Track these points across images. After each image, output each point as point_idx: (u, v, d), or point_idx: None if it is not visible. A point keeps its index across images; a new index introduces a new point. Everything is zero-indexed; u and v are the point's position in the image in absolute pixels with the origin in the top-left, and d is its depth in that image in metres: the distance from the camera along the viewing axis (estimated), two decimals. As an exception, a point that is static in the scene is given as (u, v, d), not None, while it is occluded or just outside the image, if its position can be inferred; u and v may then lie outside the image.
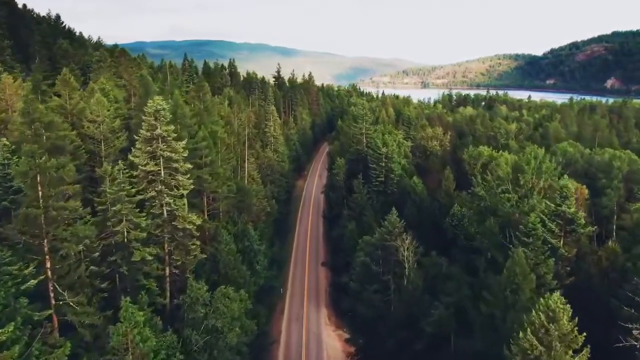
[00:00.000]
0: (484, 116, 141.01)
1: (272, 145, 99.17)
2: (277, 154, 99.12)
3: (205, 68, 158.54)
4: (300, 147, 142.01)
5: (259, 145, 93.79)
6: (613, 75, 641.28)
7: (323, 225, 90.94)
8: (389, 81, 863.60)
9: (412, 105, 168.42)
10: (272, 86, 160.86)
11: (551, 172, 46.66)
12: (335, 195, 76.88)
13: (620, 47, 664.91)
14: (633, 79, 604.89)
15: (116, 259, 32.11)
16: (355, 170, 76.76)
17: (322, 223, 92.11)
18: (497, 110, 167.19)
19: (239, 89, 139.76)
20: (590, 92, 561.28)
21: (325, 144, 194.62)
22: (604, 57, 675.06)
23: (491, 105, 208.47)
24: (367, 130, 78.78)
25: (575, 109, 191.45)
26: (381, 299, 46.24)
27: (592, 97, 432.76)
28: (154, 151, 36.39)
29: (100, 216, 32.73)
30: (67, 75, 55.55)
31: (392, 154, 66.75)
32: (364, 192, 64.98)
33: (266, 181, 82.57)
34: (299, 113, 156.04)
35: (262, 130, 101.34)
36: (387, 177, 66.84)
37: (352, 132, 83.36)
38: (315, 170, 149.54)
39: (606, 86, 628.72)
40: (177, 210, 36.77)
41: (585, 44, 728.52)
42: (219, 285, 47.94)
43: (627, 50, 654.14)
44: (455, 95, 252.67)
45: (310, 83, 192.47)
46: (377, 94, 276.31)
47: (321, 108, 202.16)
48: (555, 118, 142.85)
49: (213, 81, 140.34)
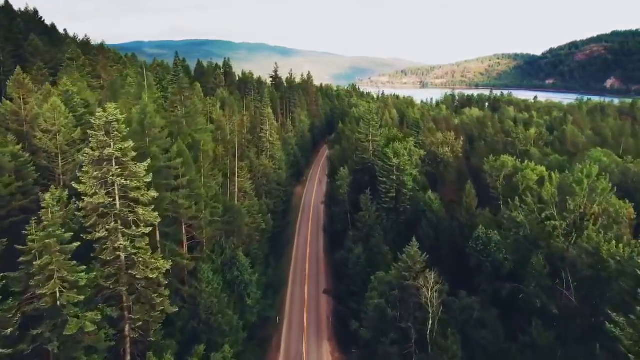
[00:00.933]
0: (493, 118, 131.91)
1: (268, 152, 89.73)
2: (273, 160, 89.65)
3: (198, 68, 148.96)
4: (299, 150, 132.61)
5: (254, 152, 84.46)
6: (613, 75, 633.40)
7: (324, 240, 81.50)
8: (388, 81, 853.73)
9: (416, 107, 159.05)
10: (269, 87, 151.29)
11: (607, 194, 37.49)
12: (338, 209, 67.24)
13: (620, 46, 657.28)
14: (633, 79, 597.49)
15: (42, 332, 22.75)
16: (360, 182, 67.28)
17: (322, 238, 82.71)
18: (504, 111, 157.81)
19: (234, 90, 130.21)
20: (590, 92, 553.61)
21: (325, 147, 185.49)
22: (604, 56, 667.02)
23: (496, 106, 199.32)
24: (374, 136, 69.13)
25: (584, 109, 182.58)
26: (400, 353, 36.90)
27: (593, 97, 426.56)
28: (104, 177, 26.99)
29: (21, 270, 23.34)
30: (20, 75, 46.00)
31: (404, 166, 57.26)
32: (373, 210, 55.51)
33: (261, 193, 73.26)
34: (298, 115, 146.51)
35: (257, 135, 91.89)
36: (398, 191, 57.32)
37: (356, 137, 73.74)
38: (315, 175, 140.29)
39: (606, 86, 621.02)
40: (137, 255, 27.40)
41: (585, 43, 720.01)
42: (198, 335, 38.60)
43: (626, 50, 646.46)
44: (458, 96, 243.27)
45: (309, 83, 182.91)
46: (377, 95, 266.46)
47: (320, 109, 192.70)
48: (568, 120, 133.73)
49: (206, 82, 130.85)
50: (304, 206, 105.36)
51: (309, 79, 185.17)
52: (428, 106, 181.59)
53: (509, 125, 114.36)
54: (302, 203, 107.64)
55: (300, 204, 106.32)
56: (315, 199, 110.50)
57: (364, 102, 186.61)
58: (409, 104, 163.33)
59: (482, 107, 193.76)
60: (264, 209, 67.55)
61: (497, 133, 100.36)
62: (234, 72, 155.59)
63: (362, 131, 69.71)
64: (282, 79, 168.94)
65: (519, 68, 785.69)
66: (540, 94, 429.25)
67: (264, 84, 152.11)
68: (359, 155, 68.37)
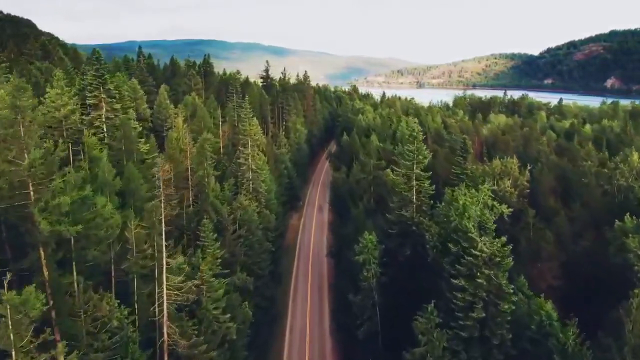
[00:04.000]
0: (534, 130, 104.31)
1: (249, 185, 61.48)
2: (257, 196, 61.43)
3: (171, 67, 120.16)
4: (294, 167, 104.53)
5: (230, 185, 56.38)
6: (613, 74, 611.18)
7: (332, 343, 49.04)
8: (384, 81, 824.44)
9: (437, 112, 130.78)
10: (258, 88, 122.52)
11: None
12: (360, 298, 38.84)
13: (619, 46, 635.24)
14: (634, 79, 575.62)
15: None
16: (396, 256, 39.57)
17: (330, 339, 50.11)
18: (538, 118, 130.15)
19: (212, 94, 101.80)
20: (590, 92, 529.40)
21: (324, 157, 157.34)
22: (603, 56, 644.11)
23: (516, 109, 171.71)
24: (421, 183, 39.81)
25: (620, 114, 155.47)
26: None
27: (593, 97, 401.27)
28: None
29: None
30: None
31: (497, 254, 28.62)
32: (442, 339, 27.04)
33: (235, 265, 45.16)
34: (292, 123, 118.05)
35: (236, 161, 63.72)
36: (488, 301, 28.48)
37: (391, 180, 44.73)
38: (314, 197, 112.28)
39: (606, 86, 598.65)
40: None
41: (583, 43, 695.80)
42: None
43: (626, 50, 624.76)
44: (469, 97, 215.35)
45: (305, 84, 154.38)
46: (380, 96, 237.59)
47: (318, 114, 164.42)
48: (625, 129, 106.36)
49: (177, 84, 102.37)
50: (301, 252, 77.30)
51: (306, 80, 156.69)
52: (442, 111, 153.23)
53: (564, 141, 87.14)
54: (298, 247, 79.55)
55: (296, 249, 78.16)
56: (316, 240, 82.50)
57: (368, 105, 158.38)
58: (427, 110, 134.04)
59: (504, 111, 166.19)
60: (235, 301, 39.47)
61: (560, 155, 72.77)
62: (216, 72, 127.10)
63: (401, 168, 40.40)
64: (274, 79, 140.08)
65: (516, 68, 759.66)
66: (541, 94, 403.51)
67: (252, 85, 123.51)
68: (394, 212, 39.27)
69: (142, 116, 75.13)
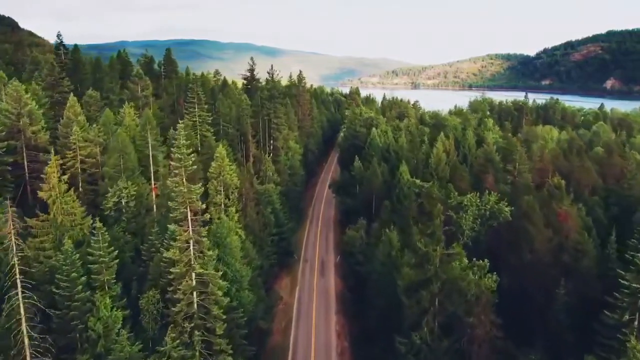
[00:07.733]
0: (627, 160, 72.54)
1: (211, 267, 29.21)
2: (226, 285, 29.36)
3: (116, 64, 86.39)
4: (285, 205, 72.26)
5: (183, 272, 24.35)
6: (612, 75, 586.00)
7: None
8: (378, 82, 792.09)
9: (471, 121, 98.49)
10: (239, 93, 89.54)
11: None
12: None
13: (618, 46, 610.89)
14: (634, 79, 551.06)
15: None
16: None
17: None
18: (601, 132, 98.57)
19: (165, 103, 68.76)
20: (589, 93, 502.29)
21: (322, 175, 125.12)
22: (601, 56, 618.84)
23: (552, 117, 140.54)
24: None
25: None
26: None
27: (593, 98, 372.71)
28: None
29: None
30: None
31: None
32: None
33: None
34: (283, 141, 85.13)
35: (157, 263, 31.03)
36: None
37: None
38: (313, 245, 78.99)
39: (606, 87, 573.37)
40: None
41: (580, 43, 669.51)
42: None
43: (624, 50, 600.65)
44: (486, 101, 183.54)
45: (300, 88, 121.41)
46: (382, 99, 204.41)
47: (315, 122, 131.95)
48: None
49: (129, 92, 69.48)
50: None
51: (300, 82, 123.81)
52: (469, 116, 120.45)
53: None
54: (291, 350, 46.94)
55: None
56: (321, 339, 49.85)
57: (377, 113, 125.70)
58: (464, 120, 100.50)
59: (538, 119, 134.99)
60: None
61: None
62: (180, 73, 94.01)
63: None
64: (261, 82, 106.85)
65: (512, 68, 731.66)
66: (539, 95, 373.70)
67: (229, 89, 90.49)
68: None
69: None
